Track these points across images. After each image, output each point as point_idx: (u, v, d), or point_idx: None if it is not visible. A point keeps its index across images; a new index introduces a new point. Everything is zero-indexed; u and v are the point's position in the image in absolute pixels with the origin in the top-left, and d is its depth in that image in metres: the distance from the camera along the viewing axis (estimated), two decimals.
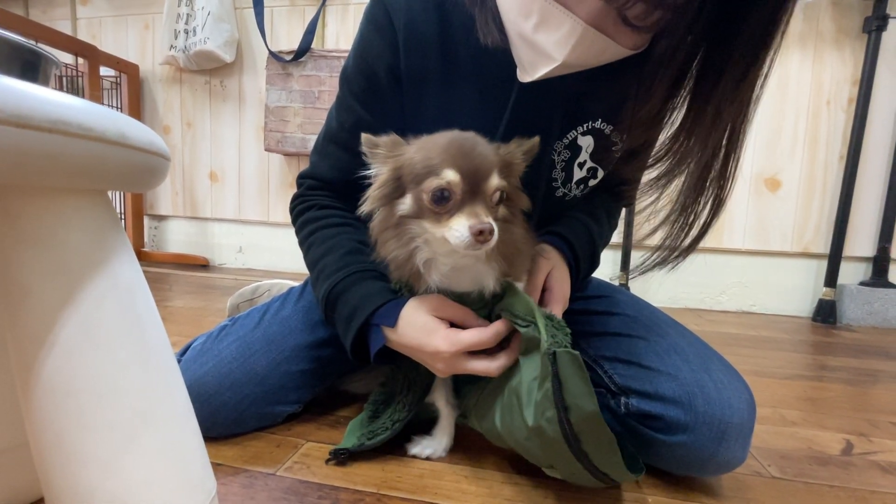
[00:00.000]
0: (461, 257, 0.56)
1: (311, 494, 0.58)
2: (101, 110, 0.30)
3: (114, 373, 0.34)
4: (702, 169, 0.56)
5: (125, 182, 0.35)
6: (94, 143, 0.29)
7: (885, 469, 0.71)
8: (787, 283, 1.92)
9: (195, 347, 0.75)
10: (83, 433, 0.33)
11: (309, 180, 0.75)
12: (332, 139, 0.72)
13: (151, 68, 2.40)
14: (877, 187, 1.81)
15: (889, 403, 0.99)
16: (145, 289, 0.38)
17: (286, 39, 2.21)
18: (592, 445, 0.50)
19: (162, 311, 1.49)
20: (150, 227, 2.53)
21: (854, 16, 1.77)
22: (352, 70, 0.69)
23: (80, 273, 0.32)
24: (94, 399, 0.33)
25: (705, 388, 0.60)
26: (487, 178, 0.52)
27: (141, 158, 0.34)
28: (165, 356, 0.38)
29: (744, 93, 0.51)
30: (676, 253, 0.61)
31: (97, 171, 0.31)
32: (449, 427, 0.69)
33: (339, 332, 0.66)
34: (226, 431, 0.70)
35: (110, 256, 0.34)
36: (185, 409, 0.39)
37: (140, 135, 0.33)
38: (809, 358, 1.36)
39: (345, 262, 0.66)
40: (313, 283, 0.70)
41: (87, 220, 0.33)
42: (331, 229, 0.71)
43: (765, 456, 0.73)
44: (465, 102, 0.67)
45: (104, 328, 0.33)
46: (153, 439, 0.35)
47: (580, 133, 0.69)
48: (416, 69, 0.65)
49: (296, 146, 2.10)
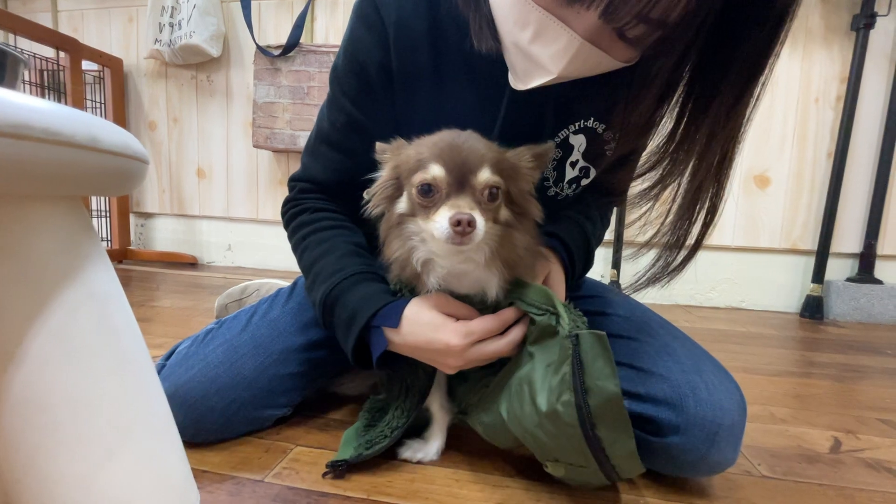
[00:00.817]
0: (459, 262, 0.55)
1: (300, 501, 0.57)
2: (70, 113, 0.29)
3: (89, 385, 0.32)
4: (695, 188, 0.56)
5: (98, 187, 0.33)
6: (63, 149, 0.27)
7: (872, 466, 0.72)
8: (775, 279, 1.94)
9: (180, 351, 0.73)
10: (58, 449, 0.31)
11: (301, 183, 0.73)
12: (323, 140, 0.71)
13: (136, 62, 2.35)
14: (863, 185, 1.83)
15: (875, 399, 1.00)
16: (121, 297, 0.36)
17: (274, 34, 2.17)
18: (608, 430, 0.49)
19: (148, 311, 1.47)
20: (136, 225, 2.48)
21: (842, 13, 1.78)
22: (342, 69, 0.67)
23: (52, 283, 0.31)
24: (68, 413, 0.31)
25: (697, 389, 0.60)
26: (475, 172, 0.52)
27: (115, 163, 0.32)
28: (143, 366, 0.36)
29: (735, 120, 0.52)
30: (671, 268, 0.61)
31: (67, 178, 0.29)
32: (441, 430, 0.68)
33: (339, 336, 0.64)
34: (213, 437, 0.69)
35: (84, 264, 0.33)
36: (165, 420, 0.38)
37: (113, 138, 0.32)
38: (797, 354, 1.37)
39: (341, 265, 0.65)
40: (308, 288, 0.68)
41: (58, 228, 0.32)
42: (325, 232, 0.69)
43: (755, 455, 0.73)
44: (458, 102, 0.66)
45: (78, 339, 0.32)
46: (132, 453, 0.34)
47: (572, 132, 0.68)
48: (407, 67, 0.64)
49: (285, 143, 2.07)
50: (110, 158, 0.31)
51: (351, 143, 0.69)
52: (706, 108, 0.52)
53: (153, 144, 2.39)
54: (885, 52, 1.77)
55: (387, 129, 0.69)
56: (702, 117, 0.53)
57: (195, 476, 0.43)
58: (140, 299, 1.63)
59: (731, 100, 0.50)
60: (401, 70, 0.64)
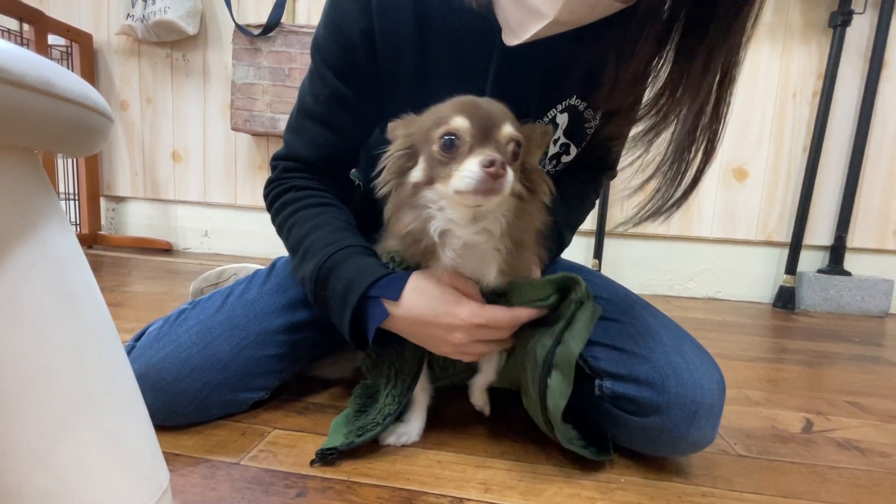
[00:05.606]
0: (475, 231, 0.53)
1: (278, 483, 0.55)
2: (20, 51, 0.26)
3: (44, 354, 0.30)
4: (694, 116, 0.54)
5: (56, 140, 0.31)
6: (9, 88, 0.25)
7: (841, 445, 0.74)
8: (751, 270, 1.99)
9: (151, 332, 0.70)
10: (9, 422, 0.29)
11: (284, 162, 0.70)
12: (306, 114, 0.68)
13: (106, 38, 2.24)
14: (836, 179, 1.88)
15: (844, 384, 1.04)
16: (81, 260, 0.34)
17: (254, 12, 2.10)
18: (555, 383, 0.55)
19: (119, 296, 1.42)
20: (107, 209, 2.39)
21: (821, 10, 1.81)
22: (324, 39, 0.65)
23: (2, 242, 0.28)
24: (20, 384, 0.29)
25: (678, 369, 0.60)
26: (500, 125, 0.51)
27: (72, 112, 0.29)
28: (106, 336, 0.34)
29: (735, 35, 0.50)
30: (670, 203, 0.59)
31: (16, 124, 0.27)
32: (422, 410, 0.67)
33: (332, 310, 0.61)
34: (186, 420, 0.67)
35: (38, 223, 0.30)
36: (130, 394, 0.36)
37: (71, 85, 0.29)
38: (770, 342, 1.41)
39: (335, 238, 0.62)
40: (297, 265, 0.65)
41: (9, 182, 0.29)
42: (314, 209, 0.67)
43: (731, 435, 0.75)
44: (443, 73, 0.64)
45: (31, 304, 0.30)
46: (91, 428, 0.31)
47: (559, 111, 0.68)
48: (390, 36, 0.62)
49: (264, 126, 2.01)
50: (66, 107, 0.29)
51: (335, 117, 0.67)
52: (703, 34, 0.51)
53: (125, 125, 2.29)
54: (860, 50, 1.81)
55: (371, 101, 0.67)
56: (699, 45, 0.51)
57: (167, 460, 0.41)
58: (111, 284, 1.57)
59: (731, 16, 0.49)
60: (384, 38, 0.62)
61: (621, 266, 2.03)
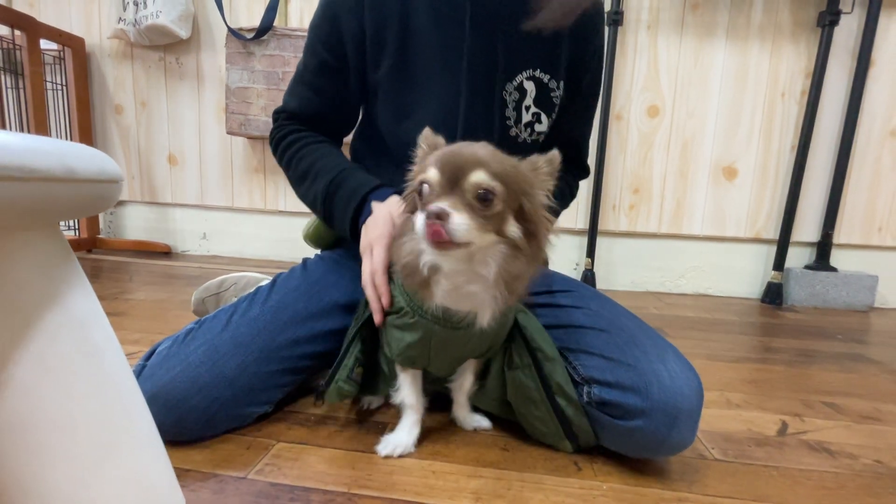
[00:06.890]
0: (465, 281, 0.56)
1: (283, 497, 0.59)
2: (44, 145, 0.29)
3: (72, 406, 0.33)
4: None
5: (76, 212, 0.34)
6: (40, 184, 0.28)
7: (813, 448, 0.79)
8: (739, 267, 2.03)
9: (160, 352, 0.73)
10: (44, 468, 0.32)
11: (283, 114, 0.89)
12: (298, 80, 0.86)
13: (99, 42, 2.24)
14: (823, 177, 1.92)
15: (822, 383, 1.08)
16: (101, 317, 0.37)
17: (247, 15, 2.09)
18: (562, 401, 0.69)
19: (122, 304, 1.45)
20: (105, 214, 2.40)
21: (810, 9, 1.83)
22: (319, 18, 0.81)
23: (32, 309, 0.32)
24: (53, 433, 0.32)
25: (661, 377, 0.65)
26: (466, 174, 0.51)
27: (92, 189, 0.33)
28: (125, 383, 0.38)
29: None
30: None
31: (45, 210, 0.30)
32: (416, 423, 0.71)
33: (337, 216, 0.78)
34: (195, 435, 0.70)
35: (62, 289, 0.33)
36: (148, 432, 0.39)
37: (89, 165, 0.32)
38: (756, 340, 1.46)
39: (341, 161, 0.81)
40: (306, 190, 0.82)
41: (37, 255, 0.32)
42: (315, 145, 0.84)
43: (709, 439, 0.79)
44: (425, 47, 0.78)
45: (59, 362, 0.33)
46: (116, 468, 0.35)
47: (525, 78, 0.81)
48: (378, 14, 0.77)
49: (260, 129, 2.03)
50: (87, 186, 0.32)
51: (320, 83, 0.84)
52: None
53: (120, 129, 2.30)
54: (848, 49, 1.83)
55: (355, 72, 0.83)
56: None
57: (178, 475, 0.45)
58: (112, 292, 1.60)
59: None
60: (373, 16, 0.77)
61: (613, 264, 2.07)
